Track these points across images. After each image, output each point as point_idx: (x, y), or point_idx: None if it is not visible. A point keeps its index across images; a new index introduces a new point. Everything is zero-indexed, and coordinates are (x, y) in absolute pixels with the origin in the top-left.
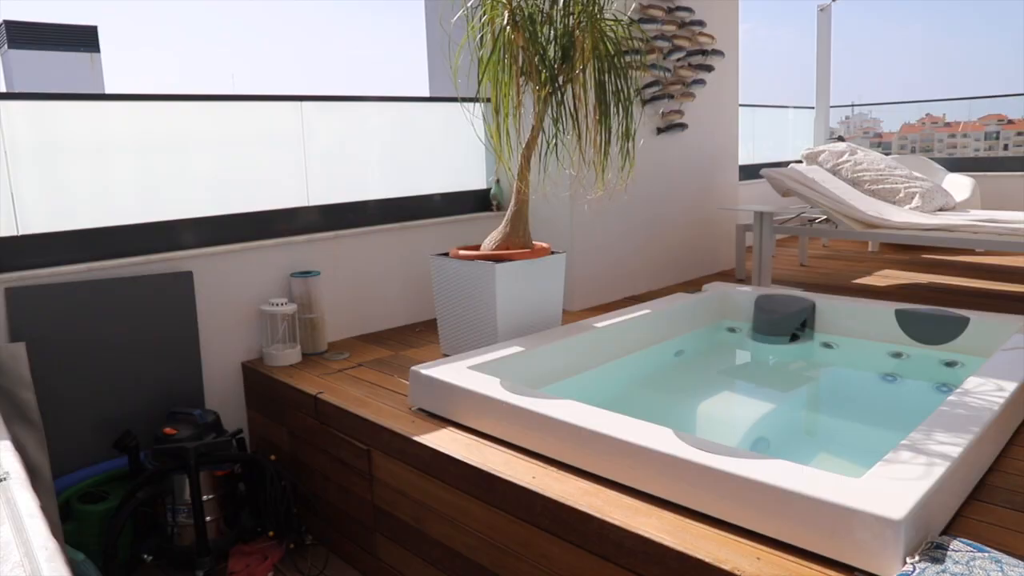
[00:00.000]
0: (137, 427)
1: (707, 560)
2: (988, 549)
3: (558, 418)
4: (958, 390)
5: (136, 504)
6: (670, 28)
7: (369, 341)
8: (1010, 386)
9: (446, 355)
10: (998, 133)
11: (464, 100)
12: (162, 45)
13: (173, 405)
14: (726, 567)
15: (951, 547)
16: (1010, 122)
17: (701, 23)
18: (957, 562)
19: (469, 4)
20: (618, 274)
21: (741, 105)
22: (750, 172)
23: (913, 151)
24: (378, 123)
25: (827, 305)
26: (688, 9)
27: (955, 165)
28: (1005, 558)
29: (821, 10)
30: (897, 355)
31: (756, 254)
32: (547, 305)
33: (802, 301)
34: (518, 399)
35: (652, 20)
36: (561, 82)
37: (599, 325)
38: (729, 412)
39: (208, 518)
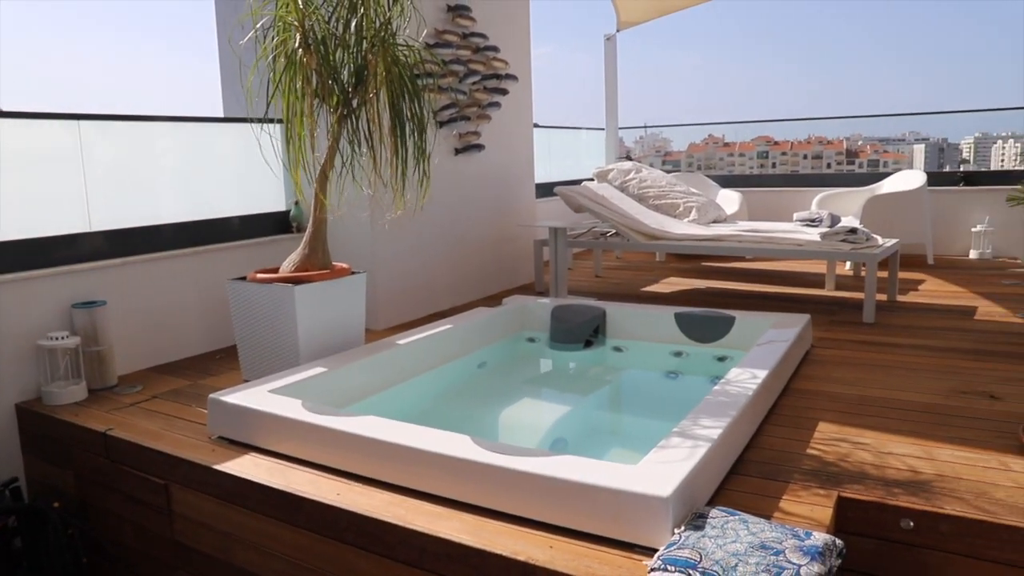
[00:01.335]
0: None
1: (504, 554)
2: (739, 513)
3: (360, 434)
4: (722, 380)
5: None
6: (465, 53)
7: (165, 372)
8: (762, 374)
9: (248, 381)
10: (767, 152)
11: (257, 121)
12: None
13: None
14: (521, 558)
15: (710, 515)
16: (776, 143)
17: (495, 48)
18: (714, 527)
19: (260, 25)
20: (422, 291)
21: (537, 126)
22: (548, 190)
23: (699, 168)
24: (170, 144)
25: (617, 312)
26: (482, 35)
27: (729, 181)
28: (751, 518)
29: (607, 39)
30: (678, 354)
31: (552, 267)
32: (349, 325)
33: (594, 309)
34: (320, 419)
35: (447, 45)
36: (356, 104)
37: (402, 342)
38: (530, 417)
39: None
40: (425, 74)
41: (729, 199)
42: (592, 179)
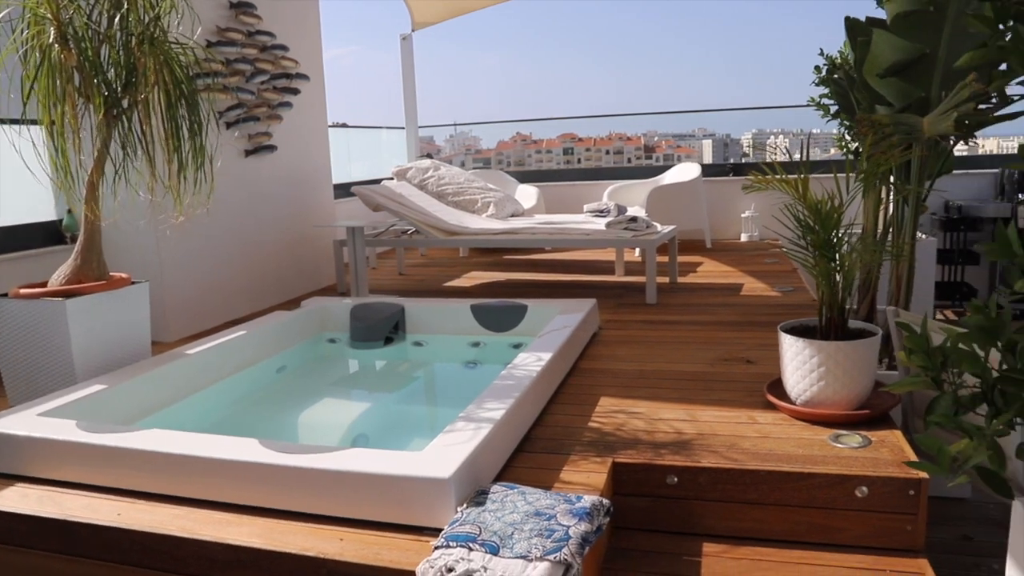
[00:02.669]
0: None
1: (295, 552)
2: (517, 486)
3: (141, 449)
4: (509, 365)
5: None
6: (251, 51)
7: None
8: (547, 356)
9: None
10: (572, 149)
11: (11, 123)
12: None
13: None
14: (311, 554)
15: (491, 491)
16: (580, 140)
17: (284, 47)
18: (494, 501)
19: (4, 15)
20: (216, 299)
21: (345, 126)
22: (350, 190)
23: (509, 165)
24: None
25: (415, 308)
26: (269, 33)
27: (527, 177)
28: (528, 490)
29: (403, 38)
30: (476, 344)
31: (352, 267)
32: (133, 338)
33: (392, 307)
34: (95, 438)
35: (231, 43)
36: (127, 105)
37: (191, 352)
38: (332, 417)
39: None
40: (207, 73)
41: (527, 194)
42: (392, 178)
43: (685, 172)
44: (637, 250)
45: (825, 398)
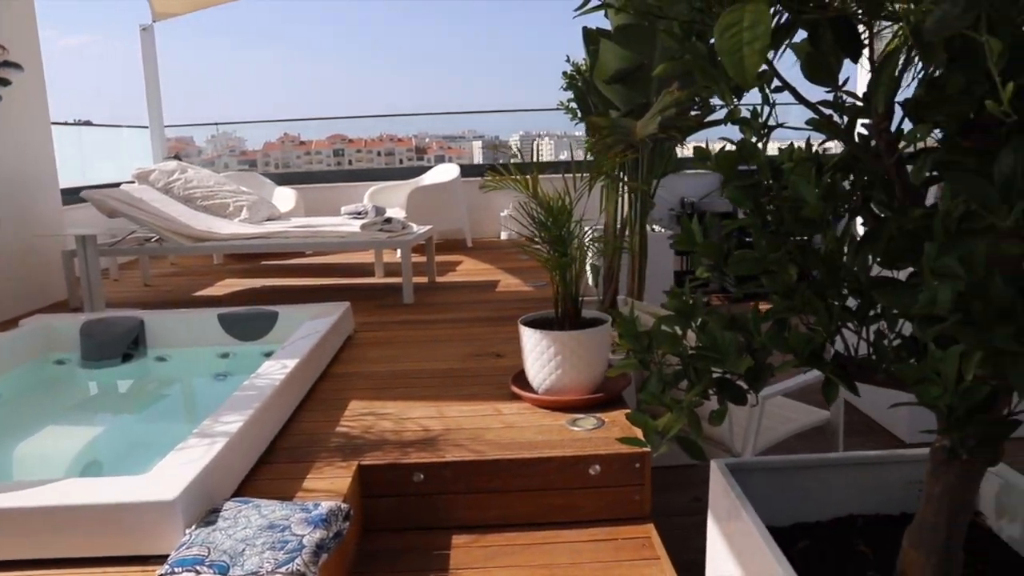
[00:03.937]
0: None
1: None
2: (252, 500)
3: None
4: (252, 375)
5: None
6: None
7: None
8: (292, 363)
9: None
10: (343, 150)
11: None
12: None
13: None
14: None
15: (223, 508)
16: (351, 141)
17: None
18: (226, 519)
19: None
20: None
21: (79, 124)
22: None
23: (276, 167)
24: None
25: (156, 320)
26: None
27: (286, 179)
28: (264, 502)
29: (143, 29)
30: (225, 356)
31: (83, 279)
32: None
33: (130, 321)
34: None
35: None
36: None
37: None
38: (57, 447)
39: None
40: None
41: (285, 196)
42: (133, 181)
43: (444, 173)
44: (398, 251)
45: (563, 385)
